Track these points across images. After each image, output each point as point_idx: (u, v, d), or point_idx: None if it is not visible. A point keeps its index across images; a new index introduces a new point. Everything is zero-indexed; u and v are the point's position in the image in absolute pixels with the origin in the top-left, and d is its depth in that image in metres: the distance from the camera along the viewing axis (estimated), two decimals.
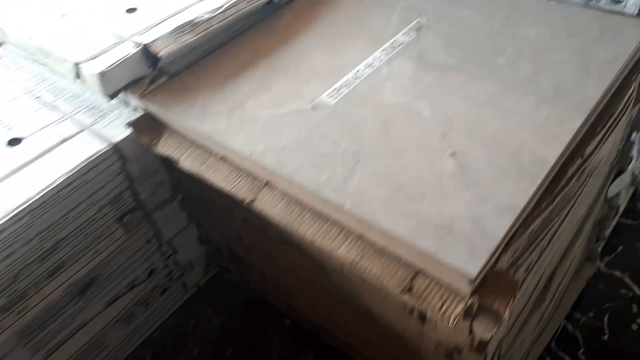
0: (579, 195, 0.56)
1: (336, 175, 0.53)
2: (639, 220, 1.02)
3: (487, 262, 0.44)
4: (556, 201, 0.51)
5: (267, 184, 0.57)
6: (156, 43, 0.68)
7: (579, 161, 0.53)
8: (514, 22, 0.69)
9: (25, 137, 0.69)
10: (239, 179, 0.59)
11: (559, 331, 0.86)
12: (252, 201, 0.56)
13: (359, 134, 0.57)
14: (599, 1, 0.69)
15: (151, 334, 0.89)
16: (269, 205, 0.55)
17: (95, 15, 0.76)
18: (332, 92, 0.63)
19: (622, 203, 0.96)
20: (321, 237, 0.51)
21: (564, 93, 0.57)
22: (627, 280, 0.94)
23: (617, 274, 0.95)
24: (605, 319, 0.88)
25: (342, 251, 0.50)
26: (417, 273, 0.48)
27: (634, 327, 0.87)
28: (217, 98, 0.65)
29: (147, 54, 0.68)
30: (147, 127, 0.68)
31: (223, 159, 0.61)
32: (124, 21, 0.73)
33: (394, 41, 0.69)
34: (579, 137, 0.54)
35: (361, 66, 0.66)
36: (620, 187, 0.84)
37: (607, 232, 0.94)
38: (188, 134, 0.64)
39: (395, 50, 0.68)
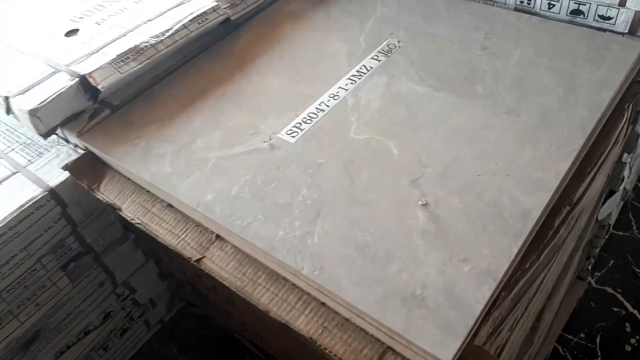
0: (567, 239, 0.51)
1: (294, 230, 0.46)
2: (630, 231, 0.98)
3: (464, 342, 0.38)
4: (542, 256, 0.45)
5: (217, 237, 0.51)
6: (95, 74, 0.60)
7: (566, 209, 0.46)
8: (494, 41, 0.63)
9: None
10: (187, 232, 0.52)
11: (549, 355, 0.81)
12: (201, 259, 0.50)
13: (321, 178, 0.50)
14: (586, 17, 0.63)
15: None
16: (219, 265, 0.49)
17: (31, 39, 0.68)
18: (292, 127, 0.56)
19: (613, 219, 0.91)
20: (277, 306, 0.45)
21: (550, 128, 0.51)
22: (619, 297, 0.89)
23: (609, 290, 0.90)
24: (598, 340, 0.84)
25: (301, 323, 0.44)
26: (385, 350, 0.41)
27: (628, 348, 0.83)
28: (163, 136, 0.58)
29: (85, 85, 0.60)
30: (89, 167, 0.61)
31: (170, 206, 0.54)
32: (61, 46, 0.66)
33: (362, 66, 0.62)
34: (567, 180, 0.48)
35: (325, 97, 0.59)
36: (612, 208, 0.78)
37: (598, 250, 0.89)
38: (131, 177, 0.57)
39: (363, 77, 0.61)
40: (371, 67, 0.62)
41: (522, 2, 0.67)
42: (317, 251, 0.44)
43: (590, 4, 0.62)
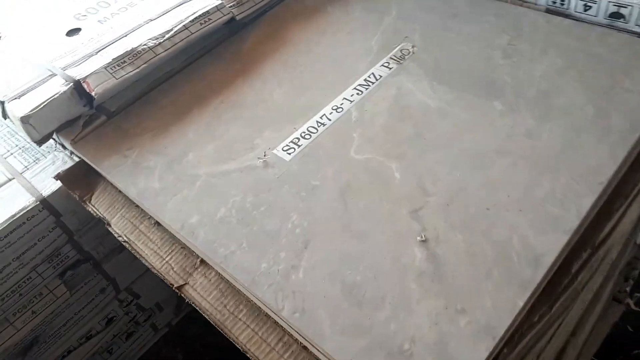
0: (593, 279, 0.45)
1: (278, 263, 0.43)
2: None
3: None
4: (555, 307, 0.40)
5: (202, 262, 0.48)
6: (89, 79, 0.57)
7: (587, 253, 0.41)
8: (519, 48, 0.56)
9: None
10: (172, 254, 0.49)
11: None
12: (183, 286, 0.47)
13: (314, 203, 0.46)
14: (627, 21, 0.56)
15: None
16: (200, 294, 0.46)
17: (32, 39, 0.66)
18: (289, 143, 0.52)
19: None
20: (256, 346, 0.42)
21: (574, 155, 0.45)
22: None
23: None
24: None
25: None
26: None
27: None
28: (155, 147, 0.55)
29: (80, 91, 0.58)
30: (82, 176, 0.58)
31: (158, 224, 0.52)
32: (61, 47, 0.63)
33: (371, 75, 0.57)
34: (590, 218, 0.42)
35: (328, 108, 0.55)
36: None
37: (638, 272, 0.81)
38: (122, 190, 0.54)
39: (371, 87, 0.56)
40: (380, 76, 0.57)
41: (554, 2, 0.60)
42: (300, 289, 0.41)
43: (633, 6, 0.55)
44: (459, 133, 0.49)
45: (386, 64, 0.58)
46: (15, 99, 0.58)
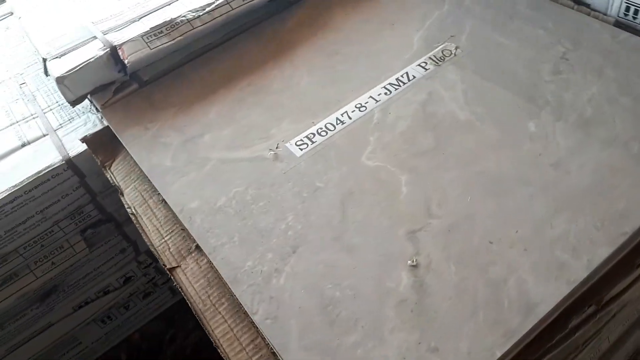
0: (596, 340, 0.41)
1: (263, 264, 0.42)
2: None
3: None
4: None
5: (197, 247, 0.48)
6: (125, 46, 0.58)
7: (591, 309, 0.37)
8: (572, 64, 0.51)
9: None
10: (171, 234, 0.49)
11: None
12: (175, 268, 0.47)
13: (313, 207, 0.45)
14: None
15: (131, 334, 0.85)
16: (189, 279, 0.46)
17: None
18: (304, 138, 0.50)
19: None
20: (228, 342, 0.41)
21: (601, 196, 0.40)
22: None
23: None
24: None
25: None
26: None
27: None
28: (176, 123, 0.55)
29: (116, 57, 0.59)
30: (108, 141, 0.60)
31: (164, 202, 0.52)
32: (110, 10, 0.64)
33: (404, 74, 0.54)
34: (603, 271, 0.38)
35: (351, 105, 0.52)
36: None
37: None
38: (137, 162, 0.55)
39: (401, 88, 0.53)
40: (414, 77, 0.54)
41: (626, 15, 0.54)
42: (278, 295, 0.40)
43: None
44: (481, 152, 0.45)
45: (423, 64, 0.55)
46: (57, 58, 0.60)
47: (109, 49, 0.58)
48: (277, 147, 0.50)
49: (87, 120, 0.63)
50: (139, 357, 0.84)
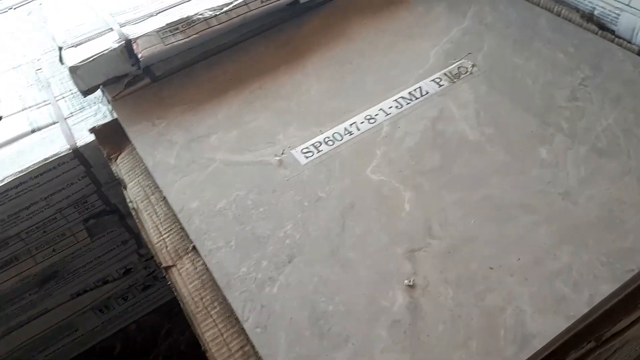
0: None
1: (257, 271, 0.41)
2: None
3: None
4: None
5: (194, 248, 0.47)
6: (140, 40, 0.58)
7: (589, 345, 0.36)
8: (589, 91, 0.50)
9: (1, 118, 0.64)
10: (170, 233, 0.49)
11: None
12: (170, 267, 0.47)
13: (312, 217, 0.44)
14: None
15: (127, 325, 0.85)
16: (184, 279, 0.45)
17: None
18: (310, 146, 0.50)
19: None
20: (217, 347, 0.41)
21: (608, 230, 0.39)
22: None
23: None
24: None
25: None
26: None
27: None
28: (183, 122, 0.55)
29: (130, 50, 0.59)
30: (116, 134, 0.59)
31: (165, 200, 0.52)
32: (127, 1, 0.64)
33: (417, 88, 0.53)
34: (604, 308, 0.36)
35: (361, 117, 0.52)
36: None
37: None
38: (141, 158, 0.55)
39: (412, 103, 0.52)
40: (427, 92, 0.53)
41: None
42: (269, 304, 0.39)
43: None
44: (488, 175, 0.44)
45: (437, 80, 0.54)
46: (72, 47, 0.60)
47: (124, 42, 0.58)
48: (282, 153, 0.50)
49: (98, 110, 0.64)
50: (134, 348, 0.84)
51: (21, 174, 0.57)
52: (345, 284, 0.39)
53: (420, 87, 0.53)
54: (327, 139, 0.50)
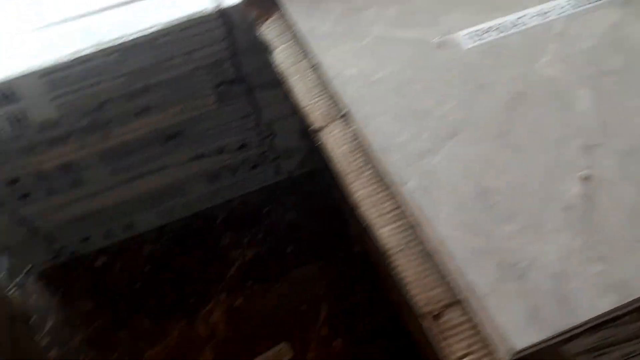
0: None
1: (418, 141, 0.41)
2: None
3: (545, 342, 0.32)
4: None
5: (344, 115, 0.47)
6: None
7: None
8: None
9: None
10: (320, 98, 0.49)
11: None
12: (320, 129, 0.47)
13: (477, 100, 0.43)
14: None
15: (231, 199, 0.88)
16: (333, 142, 0.46)
17: None
18: (475, 31, 0.48)
19: None
20: (369, 206, 0.41)
21: None
22: None
23: None
24: None
25: (384, 232, 0.40)
26: (455, 302, 0.37)
27: None
28: None
29: None
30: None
31: (315, 67, 0.52)
32: None
33: None
34: None
35: (532, 10, 0.49)
36: None
37: None
38: (294, 23, 0.54)
39: (591, 4, 0.48)
40: None
41: None
42: (430, 171, 0.39)
43: None
44: None
45: None
46: None
47: None
48: (443, 36, 0.48)
49: None
50: (235, 221, 0.87)
51: (168, 25, 0.58)
52: (515, 166, 0.39)
53: None
54: (493, 27, 0.48)
